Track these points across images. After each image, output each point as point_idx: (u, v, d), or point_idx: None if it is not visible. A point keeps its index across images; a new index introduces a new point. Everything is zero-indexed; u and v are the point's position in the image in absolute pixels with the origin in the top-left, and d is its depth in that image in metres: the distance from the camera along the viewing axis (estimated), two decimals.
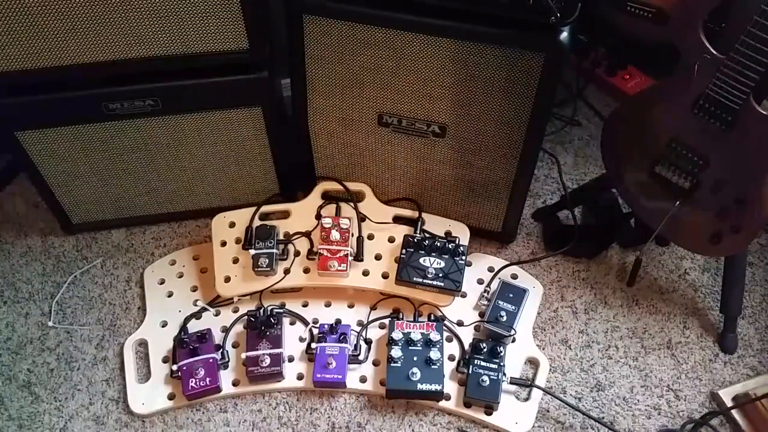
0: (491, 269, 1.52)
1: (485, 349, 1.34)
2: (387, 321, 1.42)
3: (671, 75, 1.20)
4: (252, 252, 1.42)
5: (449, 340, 1.41)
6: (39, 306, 1.50)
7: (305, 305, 1.47)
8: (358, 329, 1.41)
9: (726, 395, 1.36)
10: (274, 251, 1.43)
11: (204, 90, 1.34)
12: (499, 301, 1.41)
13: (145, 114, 1.36)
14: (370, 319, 1.43)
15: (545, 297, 1.51)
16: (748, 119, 1.13)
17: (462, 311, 1.45)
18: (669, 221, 1.31)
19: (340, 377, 1.33)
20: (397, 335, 1.35)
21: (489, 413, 1.32)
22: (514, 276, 1.52)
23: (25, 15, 1.16)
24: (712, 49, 1.11)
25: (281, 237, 1.48)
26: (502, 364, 1.32)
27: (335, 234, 1.43)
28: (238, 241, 1.48)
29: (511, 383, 1.33)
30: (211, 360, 1.34)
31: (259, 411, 1.35)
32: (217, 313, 1.45)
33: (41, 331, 1.47)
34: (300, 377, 1.37)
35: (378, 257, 1.46)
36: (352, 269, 1.43)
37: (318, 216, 1.50)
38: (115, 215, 1.59)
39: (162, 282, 1.51)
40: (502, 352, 1.33)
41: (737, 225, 1.23)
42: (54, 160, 1.42)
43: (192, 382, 1.32)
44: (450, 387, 1.34)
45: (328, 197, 1.54)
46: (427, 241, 1.43)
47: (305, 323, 1.43)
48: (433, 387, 1.30)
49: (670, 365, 1.42)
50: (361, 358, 1.37)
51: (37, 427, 1.34)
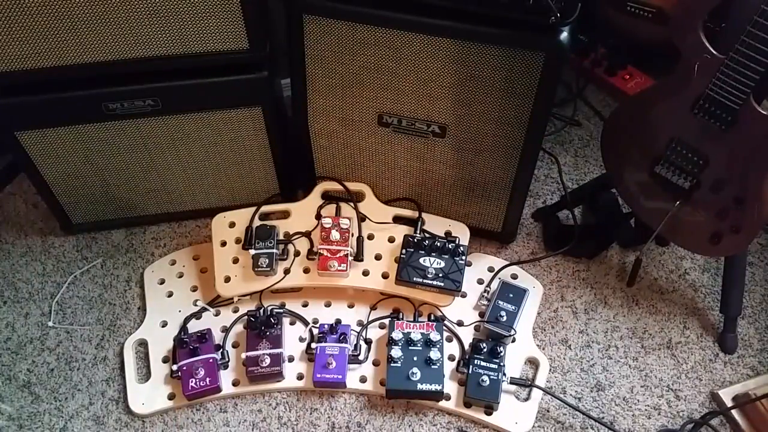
0: (491, 269, 1.52)
1: (485, 349, 1.33)
2: (387, 321, 1.42)
3: (671, 75, 1.20)
4: (252, 252, 1.42)
5: (449, 340, 1.41)
6: (39, 306, 1.50)
7: (305, 305, 1.47)
8: (358, 329, 1.41)
9: (726, 395, 1.36)
10: (274, 251, 1.43)
11: (204, 90, 1.34)
12: (499, 301, 1.41)
13: (145, 114, 1.36)
14: (370, 319, 1.43)
15: (545, 297, 1.51)
16: (748, 119, 1.13)
17: (462, 311, 1.45)
18: (669, 221, 1.31)
19: (340, 377, 1.33)
20: (397, 335, 1.35)
21: (489, 413, 1.32)
22: (514, 276, 1.52)
23: (25, 15, 1.16)
24: (712, 49, 1.11)
25: (281, 237, 1.48)
26: (502, 364, 1.32)
27: (335, 234, 1.43)
28: (238, 241, 1.48)
29: (511, 383, 1.33)
30: (211, 360, 1.34)
31: (259, 411, 1.35)
32: (217, 313, 1.45)
33: (41, 331, 1.47)
34: (300, 377, 1.37)
35: (378, 257, 1.46)
36: (352, 269, 1.43)
37: (318, 216, 1.50)
38: (115, 215, 1.59)
39: (162, 282, 1.51)
40: (502, 352, 1.33)
41: (737, 225, 1.23)
42: (54, 160, 1.42)
43: (192, 382, 1.32)
44: (450, 387, 1.34)
45: (328, 197, 1.54)
46: (427, 241, 1.43)
47: (305, 323, 1.43)
48: (433, 387, 1.30)
49: (670, 365, 1.42)
50: (361, 358, 1.37)
51: (37, 427, 1.34)
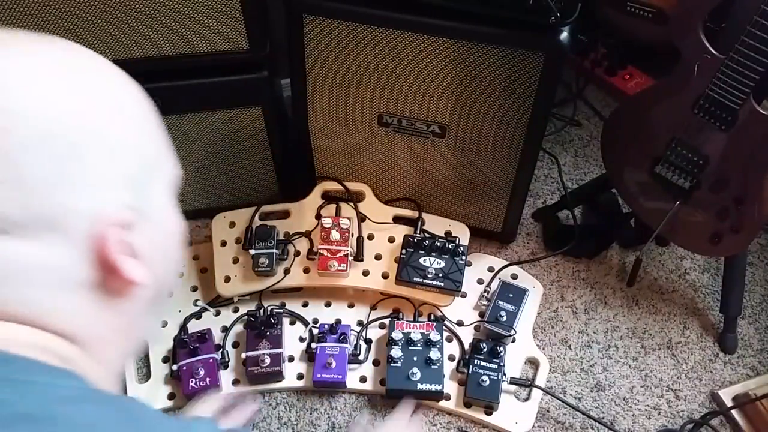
0: (491, 269, 1.52)
1: (485, 349, 1.33)
2: (387, 321, 1.42)
3: (671, 75, 1.20)
4: (252, 252, 1.42)
5: (449, 340, 1.41)
6: None
7: (305, 305, 1.46)
8: (358, 329, 1.41)
9: (726, 395, 1.36)
10: (274, 251, 1.42)
11: (204, 90, 1.34)
12: (499, 301, 1.41)
13: None
14: (370, 319, 1.43)
15: (545, 297, 1.51)
16: (748, 119, 1.13)
17: (462, 311, 1.45)
18: (669, 221, 1.31)
19: (340, 377, 1.33)
20: (397, 335, 1.35)
21: (489, 413, 1.32)
22: (514, 276, 1.52)
23: (25, 15, 1.15)
24: (712, 49, 1.11)
25: (281, 237, 1.47)
26: (502, 364, 1.32)
27: (335, 234, 1.43)
28: (238, 241, 1.48)
29: (511, 383, 1.33)
30: (211, 360, 1.34)
31: (259, 411, 1.35)
32: (217, 313, 1.45)
33: None
34: (300, 377, 1.37)
35: (378, 257, 1.46)
36: (352, 269, 1.43)
37: (318, 216, 1.50)
38: None
39: None
40: (502, 352, 1.33)
41: (737, 225, 1.23)
42: None
43: (192, 382, 1.31)
44: (450, 387, 1.34)
45: (328, 197, 1.54)
46: (427, 241, 1.43)
47: (305, 323, 1.43)
48: (433, 387, 1.30)
49: (670, 365, 1.42)
50: (361, 358, 1.37)
51: None
